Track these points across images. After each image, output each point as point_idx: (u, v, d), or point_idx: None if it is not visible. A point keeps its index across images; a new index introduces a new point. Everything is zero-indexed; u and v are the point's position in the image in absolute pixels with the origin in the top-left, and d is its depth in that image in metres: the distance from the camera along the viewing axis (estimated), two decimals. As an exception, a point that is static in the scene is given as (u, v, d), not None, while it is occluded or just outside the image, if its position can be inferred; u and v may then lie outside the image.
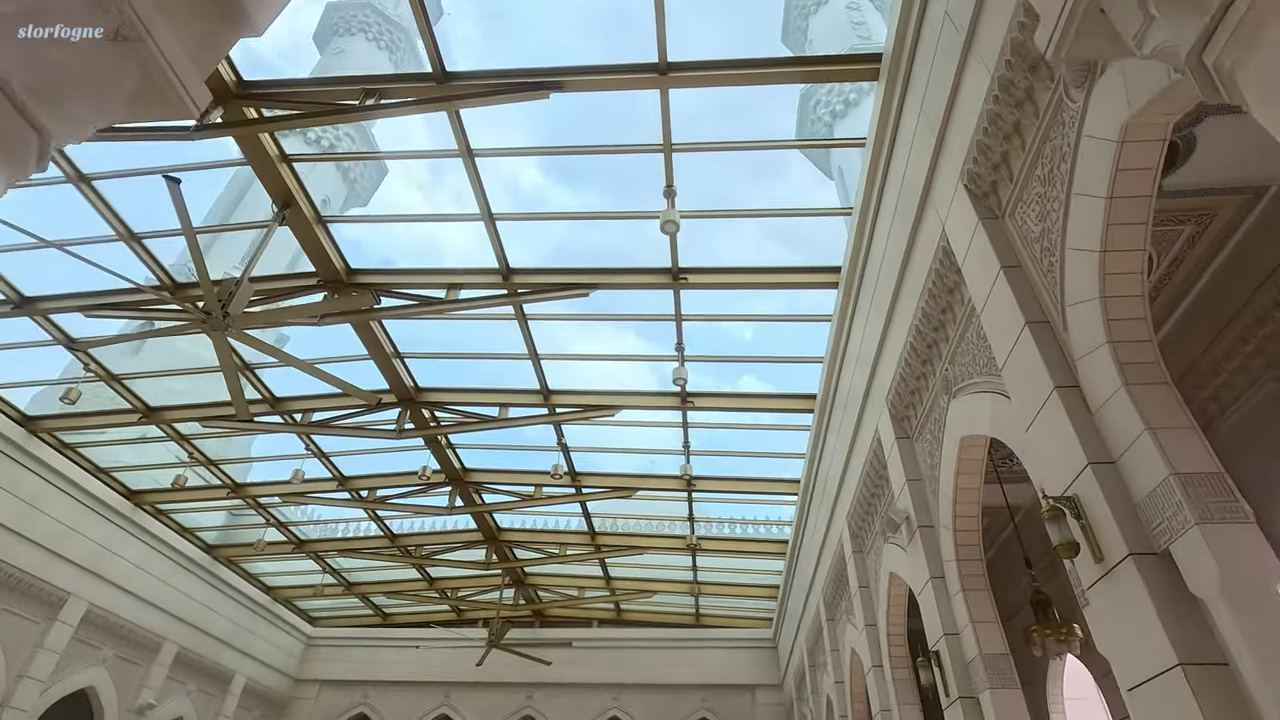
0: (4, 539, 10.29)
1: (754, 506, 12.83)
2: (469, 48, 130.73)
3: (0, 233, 7.95)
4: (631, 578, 15.96)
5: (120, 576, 12.28)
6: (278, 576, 16.22)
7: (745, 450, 11.52)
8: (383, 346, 9.40)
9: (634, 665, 16.60)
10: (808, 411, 9.67)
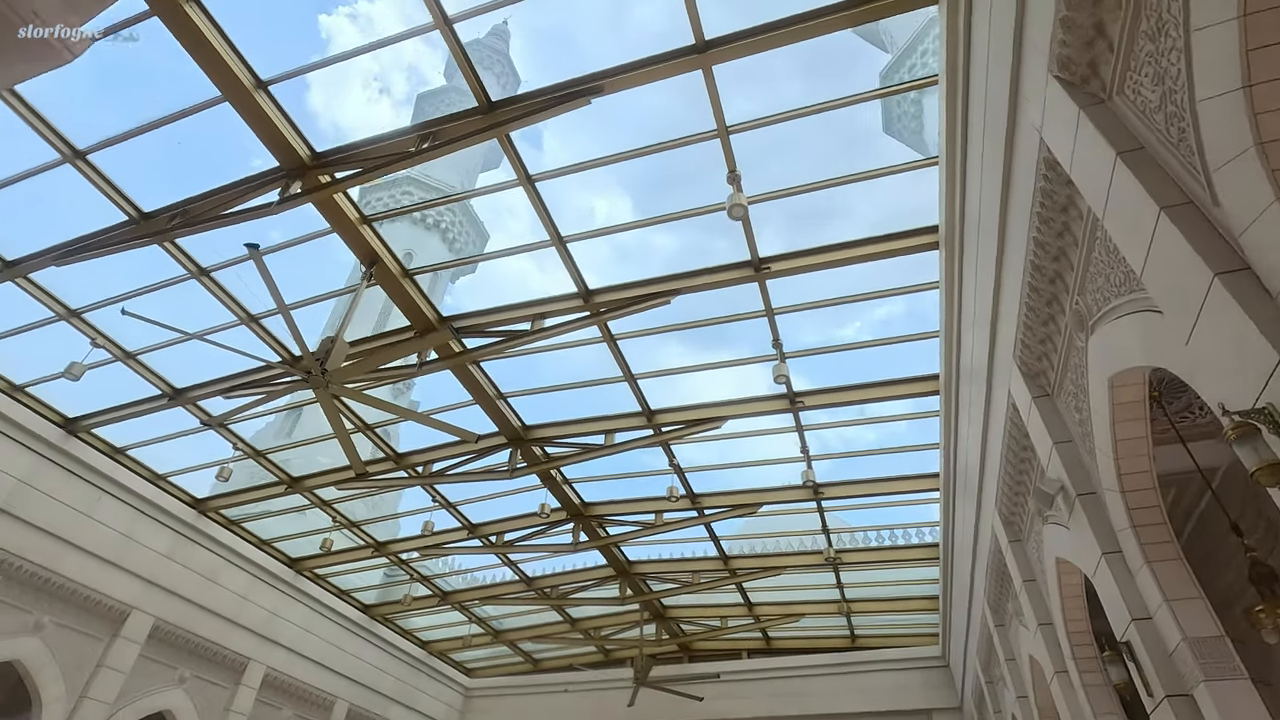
0: (189, 611, 11.35)
1: (893, 511, 11.81)
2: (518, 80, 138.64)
3: (147, 332, 8.92)
4: (774, 602, 15.10)
5: (291, 640, 13.18)
6: (430, 630, 16.83)
7: (870, 449, 10.61)
8: (484, 389, 9.59)
9: (791, 695, 15.59)
10: (931, 394, 8.76)
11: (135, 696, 10.46)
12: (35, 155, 6.96)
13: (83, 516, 10.06)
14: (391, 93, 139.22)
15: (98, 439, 10.49)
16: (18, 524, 9.20)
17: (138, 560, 10.68)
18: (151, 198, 7.38)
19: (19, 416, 9.46)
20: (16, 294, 8.32)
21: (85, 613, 9.99)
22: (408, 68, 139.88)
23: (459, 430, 6.98)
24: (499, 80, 56.79)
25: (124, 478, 10.69)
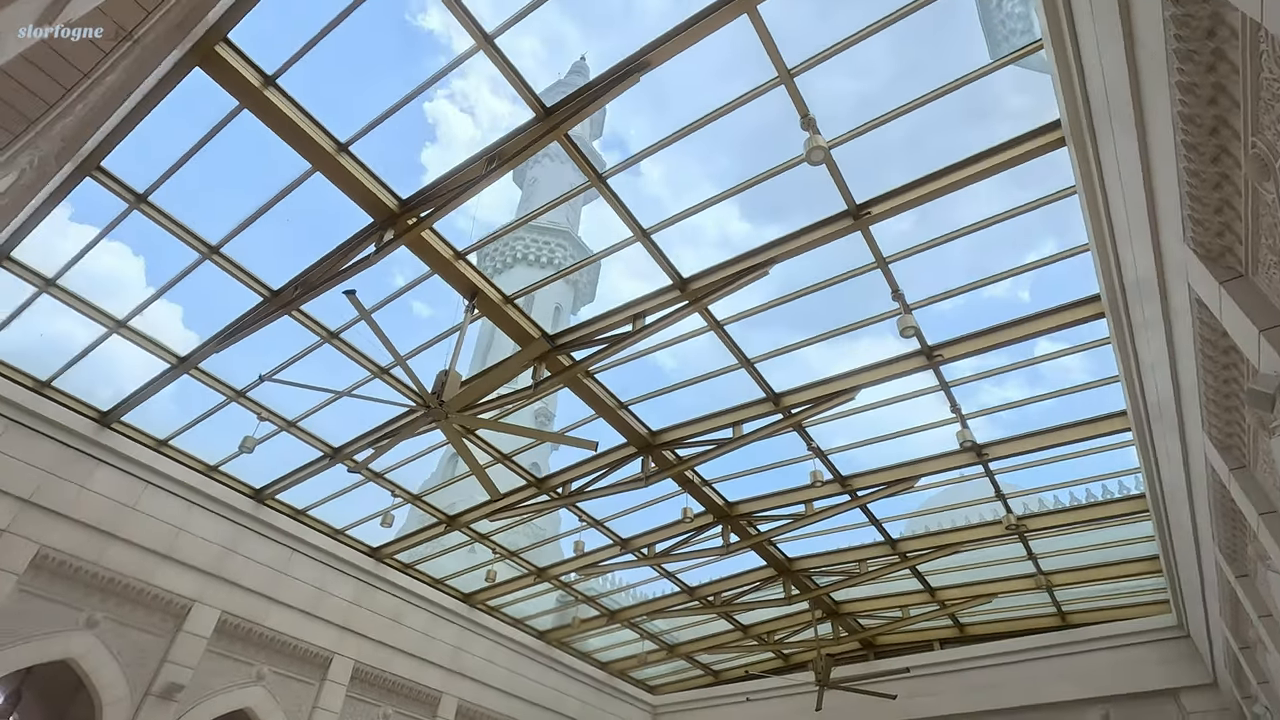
0: (382, 653, 12.22)
1: (1078, 464, 10.26)
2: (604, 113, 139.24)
3: (300, 402, 9.78)
4: (958, 584, 13.74)
5: (476, 671, 13.82)
6: (607, 651, 17.01)
7: (1033, 395, 9.36)
8: (604, 402, 9.56)
9: (997, 687, 14.01)
10: (1094, 318, 7.56)
11: (348, 734, 11.37)
12: (179, 258, 7.88)
13: (279, 574, 11.18)
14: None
15: (282, 504, 11.64)
16: (227, 585, 10.38)
17: (330, 609, 11.67)
18: (277, 275, 8.12)
19: (217, 493, 10.72)
20: (193, 385, 9.46)
21: (296, 660, 11.03)
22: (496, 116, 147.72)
23: (577, 441, 6.94)
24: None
25: (309, 536, 11.78)
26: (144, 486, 9.92)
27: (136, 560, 9.53)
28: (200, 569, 10.16)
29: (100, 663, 8.93)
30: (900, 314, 7.42)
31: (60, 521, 8.97)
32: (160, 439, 10.30)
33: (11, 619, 8.38)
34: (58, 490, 9.05)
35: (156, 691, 9.17)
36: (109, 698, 8.85)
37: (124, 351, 9.15)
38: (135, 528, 9.64)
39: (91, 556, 9.11)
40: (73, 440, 9.38)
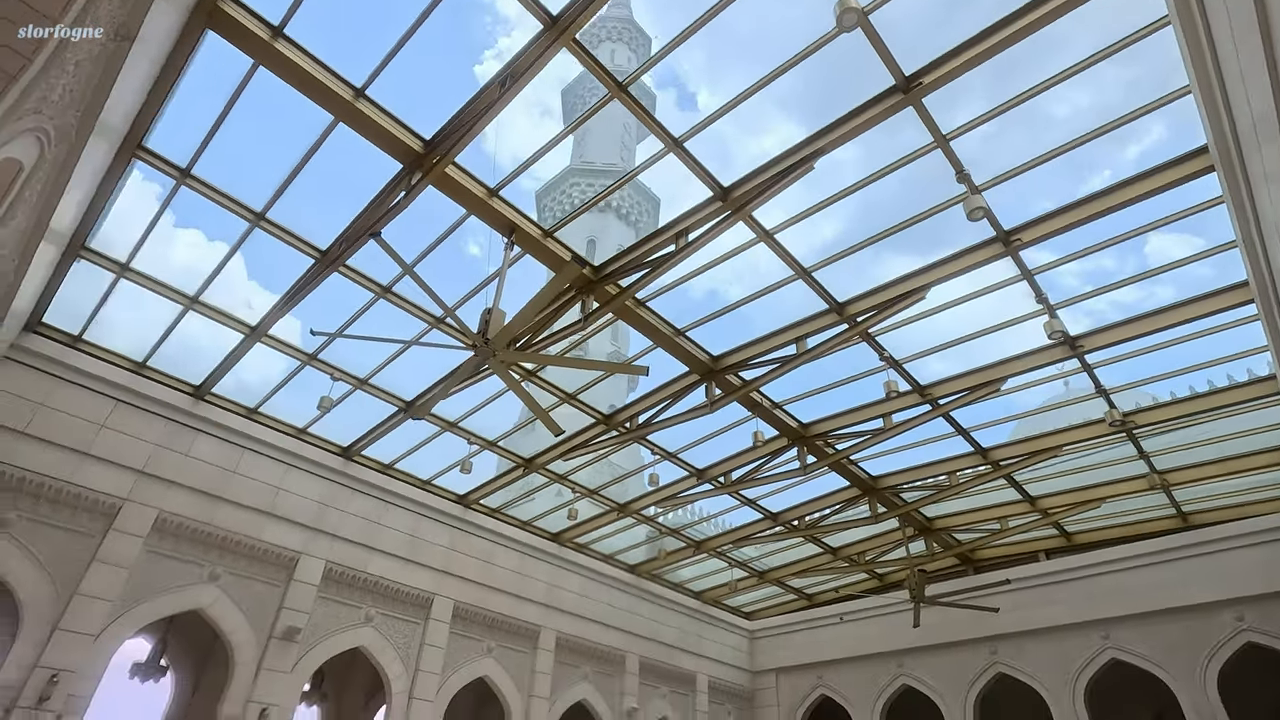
0: (479, 592, 12.83)
1: (1191, 347, 9.17)
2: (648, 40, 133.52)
3: (370, 359, 10.05)
4: (1061, 490, 12.92)
5: (571, 605, 14.33)
6: (697, 581, 17.26)
7: (1132, 275, 8.37)
8: (661, 330, 9.33)
9: (1117, 593, 13.24)
10: (1202, 173, 6.58)
11: (457, 666, 12.09)
12: (228, 228, 8.11)
13: (375, 525, 11.83)
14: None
15: (370, 459, 12.23)
16: (328, 537, 11.08)
17: (427, 554, 12.30)
18: (324, 233, 8.25)
19: (308, 453, 11.36)
20: (267, 352, 9.91)
21: (400, 602, 11.74)
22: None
23: (628, 367, 6.76)
24: (631, 47, 56.51)
25: (399, 487, 12.37)
26: (241, 452, 10.62)
27: (244, 519, 10.28)
28: (302, 524, 10.87)
29: (225, 611, 9.78)
30: (966, 196, 6.71)
31: (172, 488, 9.75)
32: (250, 407, 10.94)
33: (145, 576, 9.25)
34: (166, 460, 9.81)
35: (278, 634, 9.99)
36: (237, 641, 9.72)
37: (202, 327, 9.66)
38: (239, 489, 10.37)
39: (204, 518, 9.89)
40: (173, 414, 10.10)
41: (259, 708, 9.48)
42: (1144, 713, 15.07)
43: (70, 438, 9.05)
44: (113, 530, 9.08)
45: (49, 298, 8.80)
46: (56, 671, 8.11)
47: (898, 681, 15.49)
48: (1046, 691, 13.37)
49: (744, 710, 17.31)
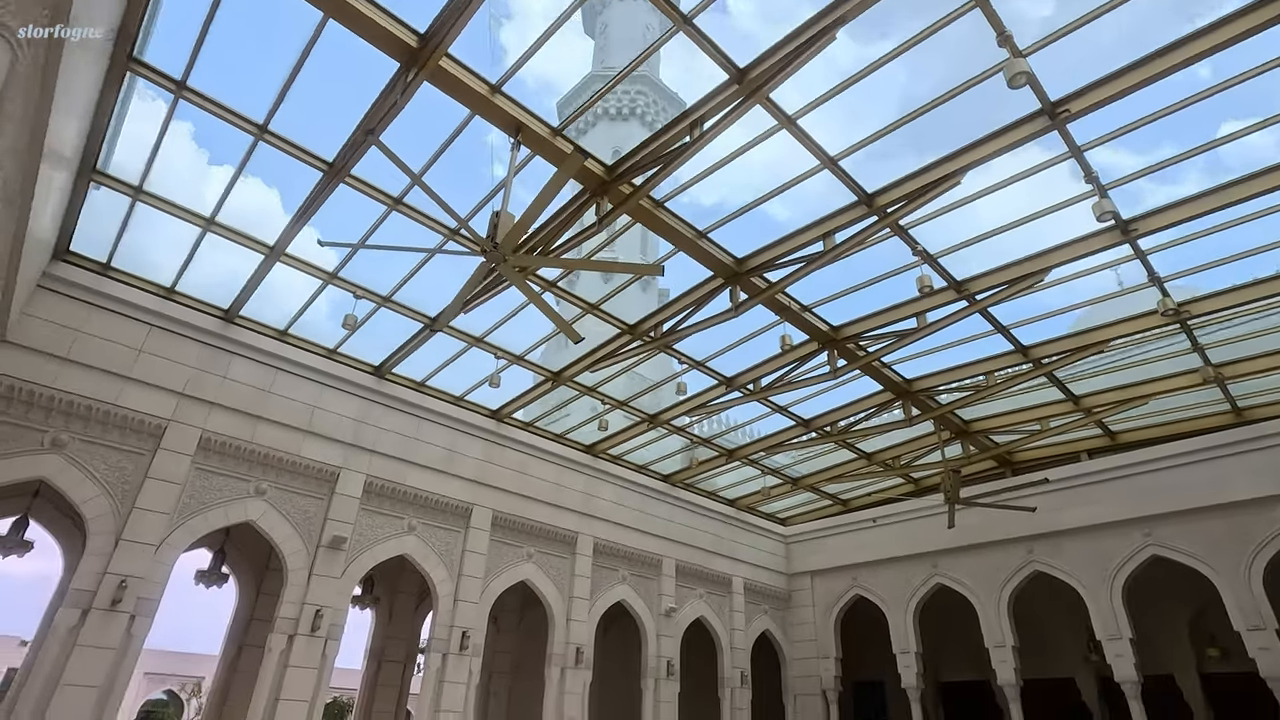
0: (516, 502, 13.20)
1: (1255, 228, 8.41)
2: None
3: (393, 275, 9.99)
4: (1106, 389, 12.44)
5: (607, 513, 14.70)
6: (731, 489, 17.50)
7: (1193, 147, 7.61)
8: (682, 233, 8.99)
9: (1161, 491, 12.94)
10: (1272, 24, 5.80)
11: (498, 572, 12.63)
12: (232, 145, 7.95)
13: (412, 440, 12.14)
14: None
15: (402, 377, 12.43)
16: (366, 453, 11.42)
17: (463, 466, 12.64)
18: (329, 145, 8.03)
19: (341, 372, 11.58)
20: (292, 276, 9.95)
21: (440, 512, 12.18)
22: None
23: (643, 267, 6.53)
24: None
25: (432, 404, 12.61)
26: (275, 373, 10.87)
27: (284, 437, 10.63)
28: (340, 440, 11.20)
29: (274, 523, 10.29)
30: (1008, 60, 6.08)
31: (214, 409, 10.09)
32: (281, 330, 11.11)
33: (196, 491, 9.75)
34: (205, 382, 10.11)
35: (325, 544, 10.50)
36: (288, 550, 10.25)
37: (225, 253, 9.70)
38: (276, 409, 10.68)
39: (246, 436, 10.26)
40: (207, 338, 10.32)
41: (313, 609, 10.08)
42: (1182, 610, 15.04)
43: (110, 362, 9.35)
44: (161, 449, 9.49)
45: (71, 224, 8.89)
46: (124, 578, 8.70)
47: (932, 581, 15.69)
48: (1084, 588, 13.37)
49: (779, 610, 17.86)
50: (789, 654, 17.41)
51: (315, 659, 9.92)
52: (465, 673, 11.44)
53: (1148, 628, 13.64)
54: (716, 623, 16.11)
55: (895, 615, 15.91)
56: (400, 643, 13.87)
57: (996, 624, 14.23)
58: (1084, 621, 14.68)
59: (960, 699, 18.34)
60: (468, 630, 11.64)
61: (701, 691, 16.14)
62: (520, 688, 15.00)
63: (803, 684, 17.00)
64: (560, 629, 13.10)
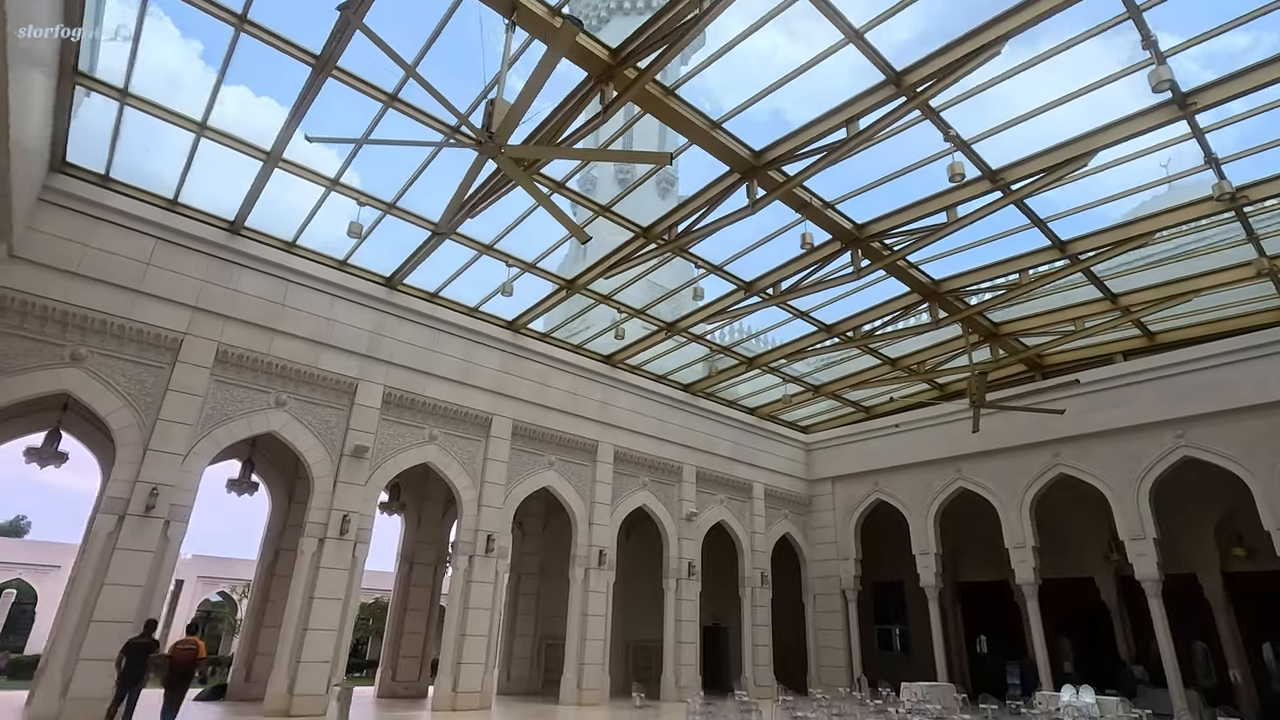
0: (535, 412, 13.25)
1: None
2: None
3: (398, 181, 9.60)
4: (1147, 286, 11.80)
5: (626, 422, 14.75)
6: (752, 397, 17.41)
7: (1256, 8, 6.72)
8: (693, 123, 8.42)
9: (1198, 391, 12.50)
10: None
11: (520, 479, 12.85)
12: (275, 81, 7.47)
13: (428, 351, 12.11)
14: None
15: (415, 288, 12.27)
16: (383, 364, 11.44)
17: (481, 377, 12.64)
18: (314, 37, 7.53)
19: (354, 284, 11.44)
20: (293, 187, 9.64)
21: (461, 423, 12.29)
22: None
23: (649, 155, 6.10)
24: None
25: (448, 315, 12.49)
26: (287, 285, 10.78)
27: (300, 349, 10.65)
28: (357, 352, 11.21)
29: (297, 433, 10.48)
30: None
31: (228, 322, 10.09)
32: (288, 241, 10.92)
33: (217, 403, 9.90)
34: (216, 295, 10.07)
35: (348, 453, 10.69)
36: (312, 459, 10.49)
37: (223, 160, 9.38)
38: (291, 321, 10.65)
39: (262, 348, 10.30)
40: (214, 250, 10.19)
41: (340, 515, 10.39)
42: (1210, 512, 14.86)
43: (119, 276, 9.31)
44: (179, 362, 9.58)
45: (63, 133, 8.62)
46: (155, 485, 8.98)
47: (954, 485, 15.66)
48: (1110, 490, 13.22)
49: (800, 514, 18.12)
50: (809, 556, 17.79)
51: (345, 561, 10.29)
52: (492, 573, 11.84)
53: (1172, 529, 13.51)
54: (737, 526, 16.42)
55: (916, 518, 16.03)
56: (430, 547, 14.40)
57: (1018, 526, 14.24)
58: (1106, 522, 14.62)
59: (978, 598, 18.72)
60: (492, 534, 11.96)
61: (724, 590, 16.68)
62: (548, 588, 15.63)
63: (822, 584, 17.44)
64: (583, 533, 13.43)
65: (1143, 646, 16.57)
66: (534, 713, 11.33)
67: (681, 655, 14.27)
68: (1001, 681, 16.33)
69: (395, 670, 13.41)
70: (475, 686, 11.17)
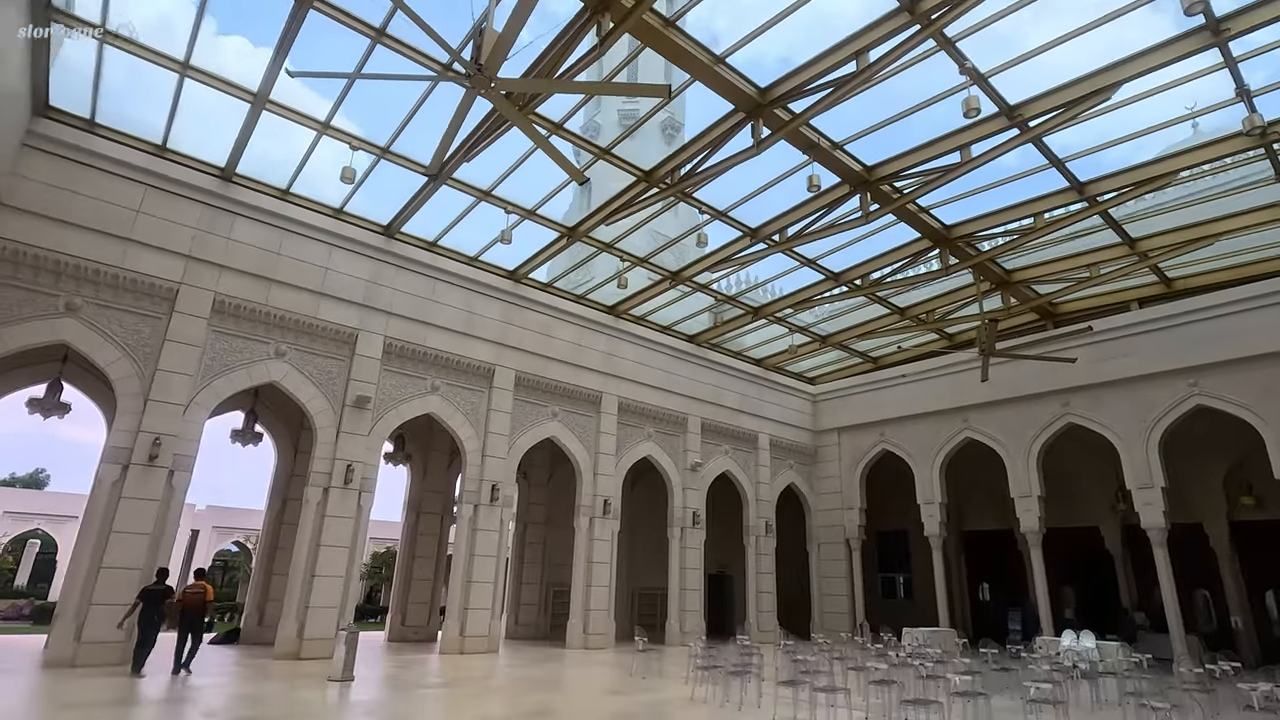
0: (538, 362, 13.14)
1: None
2: None
3: (391, 123, 9.28)
4: (1167, 230, 11.41)
5: (630, 373, 14.64)
6: (758, 348, 17.24)
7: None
8: (696, 57, 8.03)
9: (1213, 339, 12.23)
10: None
11: (524, 429, 12.83)
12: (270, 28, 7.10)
13: (428, 301, 11.96)
14: None
15: (413, 236, 12.04)
16: (383, 314, 11.31)
17: (483, 328, 12.50)
18: (294, -35, 7.15)
19: (350, 233, 11.23)
20: (280, 126, 9.34)
21: (463, 373, 12.22)
22: None
23: (646, 88, 5.79)
24: None
25: (447, 265, 12.29)
26: (282, 234, 10.59)
27: (298, 299, 10.53)
28: (355, 301, 11.08)
29: (298, 384, 10.45)
30: None
31: (224, 271, 9.95)
32: (282, 189, 10.67)
33: (216, 353, 9.84)
34: (210, 244, 9.90)
35: (350, 403, 10.66)
36: (314, 409, 10.49)
37: (209, 100, 9.07)
38: (288, 271, 10.50)
39: (259, 298, 10.18)
40: (206, 198, 9.97)
41: (344, 464, 10.42)
42: (1219, 462, 14.73)
43: (110, 224, 9.14)
44: (176, 312, 9.48)
45: (43, 75, 8.32)
46: (158, 435, 8.98)
47: (961, 435, 15.56)
48: (1119, 440, 13.08)
49: (805, 465, 18.13)
50: (814, 505, 17.87)
51: (350, 509, 10.37)
52: (497, 522, 11.93)
53: (1180, 479, 13.40)
54: (742, 477, 16.46)
55: (921, 468, 15.99)
56: (437, 496, 14.52)
57: (1025, 475, 14.18)
58: (1114, 472, 14.55)
59: (981, 546, 18.84)
60: (496, 484, 12.01)
61: (729, 538, 16.83)
62: (554, 537, 15.82)
63: (826, 533, 17.56)
64: (588, 483, 13.48)
65: (1145, 594, 16.69)
66: (540, 656, 11.56)
67: (686, 602, 14.49)
68: (1003, 627, 16.54)
69: (405, 615, 13.69)
70: (482, 631, 11.38)
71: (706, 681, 8.06)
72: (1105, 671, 8.74)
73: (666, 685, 8.55)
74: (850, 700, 6.95)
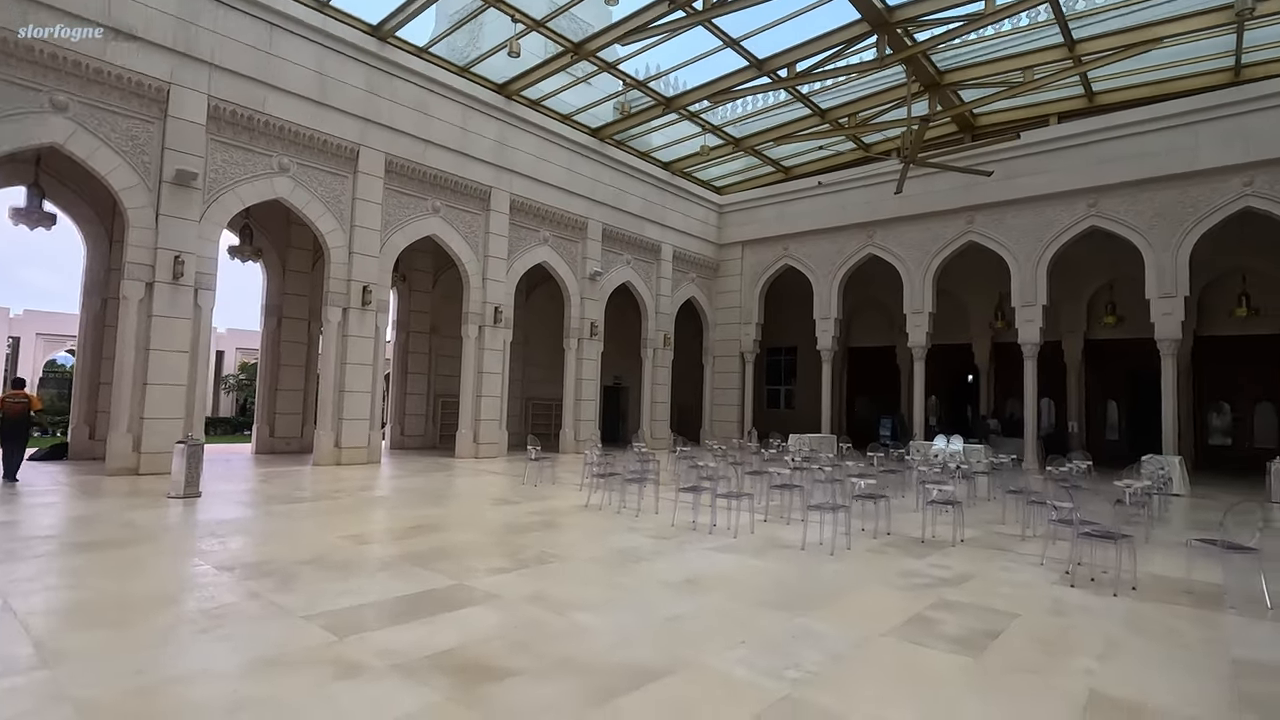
0: (412, 145, 11.13)
1: None
2: None
3: None
4: (1111, 31, 10.63)
5: (524, 167, 12.91)
6: (667, 148, 15.76)
7: None
8: None
9: (1120, 160, 12.14)
10: None
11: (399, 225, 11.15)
12: None
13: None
14: None
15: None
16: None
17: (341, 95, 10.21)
18: None
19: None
20: None
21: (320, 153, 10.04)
22: None
23: None
24: None
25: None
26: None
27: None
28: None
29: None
30: None
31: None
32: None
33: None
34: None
35: (169, 179, 8.52)
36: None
37: None
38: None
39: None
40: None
41: (171, 255, 8.53)
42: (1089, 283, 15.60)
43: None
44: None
45: None
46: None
47: (864, 251, 15.37)
48: (1013, 259, 13.25)
49: (707, 279, 17.65)
50: (713, 319, 17.68)
51: (186, 308, 8.67)
52: (371, 328, 10.65)
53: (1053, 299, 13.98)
54: (643, 288, 15.76)
55: (821, 285, 15.87)
56: (302, 299, 12.79)
57: (920, 292, 14.33)
58: (996, 292, 15.12)
59: (866, 362, 19.76)
60: (369, 285, 10.54)
61: (627, 350, 16.49)
62: (442, 347, 14.73)
63: (723, 347, 17.60)
64: (476, 289, 12.24)
65: (999, 403, 18.39)
66: (427, 465, 10.98)
67: (581, 412, 14.23)
68: (874, 434, 17.81)
69: (273, 427, 12.56)
70: (360, 442, 10.54)
71: (602, 488, 7.74)
72: (979, 471, 9.26)
73: (561, 493, 8.21)
74: (752, 505, 6.79)
